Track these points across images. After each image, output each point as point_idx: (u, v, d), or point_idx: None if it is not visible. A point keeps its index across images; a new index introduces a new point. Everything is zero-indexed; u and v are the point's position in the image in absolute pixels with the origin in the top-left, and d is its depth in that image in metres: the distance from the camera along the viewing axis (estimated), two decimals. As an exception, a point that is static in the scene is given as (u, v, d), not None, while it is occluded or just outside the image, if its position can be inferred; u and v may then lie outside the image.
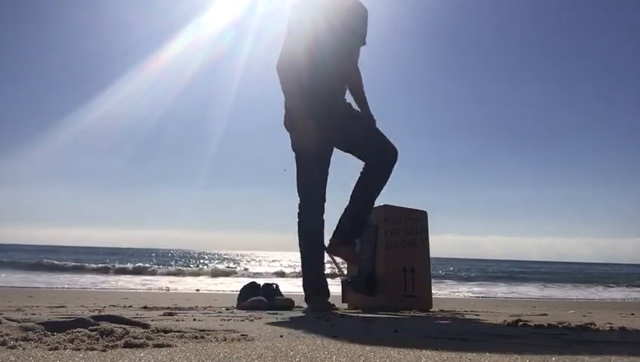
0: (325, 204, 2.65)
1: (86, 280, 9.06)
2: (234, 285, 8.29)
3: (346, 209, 2.61)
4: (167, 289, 7.05)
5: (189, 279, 11.03)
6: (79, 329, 1.25)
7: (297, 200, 2.63)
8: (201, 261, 26.75)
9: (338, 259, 2.92)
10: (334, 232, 2.60)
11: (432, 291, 2.82)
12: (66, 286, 7.39)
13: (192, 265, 19.27)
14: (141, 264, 17.69)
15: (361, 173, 2.59)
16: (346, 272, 3.00)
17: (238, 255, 45.54)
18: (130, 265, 16.11)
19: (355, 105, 2.71)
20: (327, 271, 2.70)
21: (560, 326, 1.70)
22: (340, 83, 2.65)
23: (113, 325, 1.33)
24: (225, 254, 47.27)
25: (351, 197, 2.60)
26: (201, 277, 11.75)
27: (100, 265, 15.02)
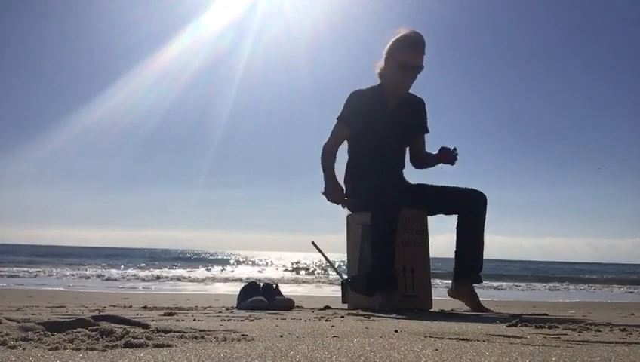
0: None
1: (86, 281, 9.06)
2: (234, 285, 8.29)
3: (461, 253, 2.81)
4: (168, 289, 7.05)
5: (189, 279, 11.02)
6: (79, 329, 1.25)
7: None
8: (202, 261, 26.74)
9: (334, 261, 2.93)
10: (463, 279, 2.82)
11: (432, 291, 2.82)
12: (66, 287, 7.38)
13: (192, 265, 19.27)
14: (141, 264, 17.72)
15: (464, 219, 2.80)
16: (344, 273, 3.00)
17: (238, 255, 45.54)
18: (130, 266, 16.13)
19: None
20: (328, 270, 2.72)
21: (560, 326, 1.70)
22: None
23: (113, 325, 1.33)
24: (225, 254, 47.26)
25: (463, 241, 2.81)
26: (200, 278, 11.74)
27: (100, 266, 15.04)
